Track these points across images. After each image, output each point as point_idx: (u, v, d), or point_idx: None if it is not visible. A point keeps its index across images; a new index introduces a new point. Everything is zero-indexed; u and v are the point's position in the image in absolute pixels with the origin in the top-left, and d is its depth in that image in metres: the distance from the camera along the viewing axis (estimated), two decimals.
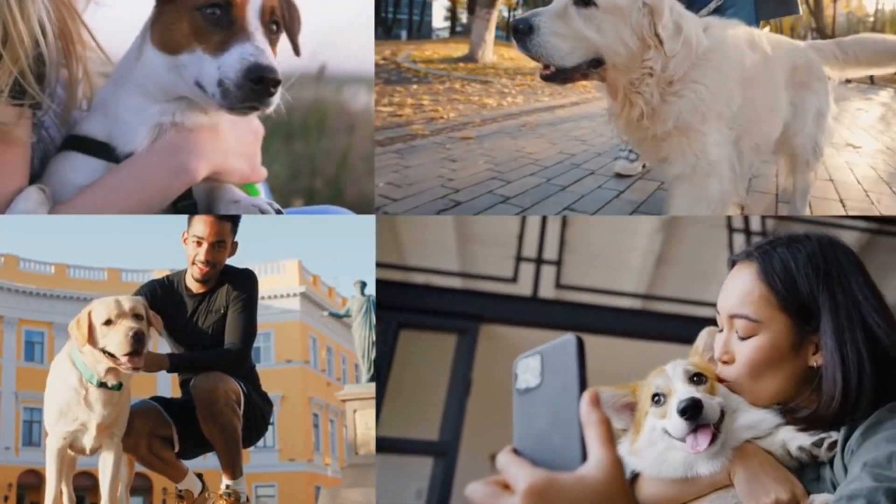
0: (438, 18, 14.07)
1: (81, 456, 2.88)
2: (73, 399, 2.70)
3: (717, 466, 1.47)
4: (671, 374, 1.53)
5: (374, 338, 8.26)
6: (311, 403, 20.79)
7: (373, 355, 8.30)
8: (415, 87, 9.18)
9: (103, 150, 2.21)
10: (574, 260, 5.72)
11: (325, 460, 20.54)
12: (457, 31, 14.13)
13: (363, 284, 9.25)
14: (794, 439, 1.46)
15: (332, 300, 21.44)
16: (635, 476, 1.56)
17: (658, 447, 1.50)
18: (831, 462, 1.44)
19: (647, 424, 1.52)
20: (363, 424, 7.32)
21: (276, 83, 2.08)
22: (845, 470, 1.39)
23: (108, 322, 2.64)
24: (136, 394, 2.99)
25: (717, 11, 4.73)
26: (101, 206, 2.19)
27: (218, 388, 2.83)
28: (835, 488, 1.41)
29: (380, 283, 5.45)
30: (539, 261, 5.50)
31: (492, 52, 12.05)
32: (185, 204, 2.26)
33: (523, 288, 5.43)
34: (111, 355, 2.63)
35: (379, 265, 5.31)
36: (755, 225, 5.66)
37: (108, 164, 2.21)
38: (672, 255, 5.94)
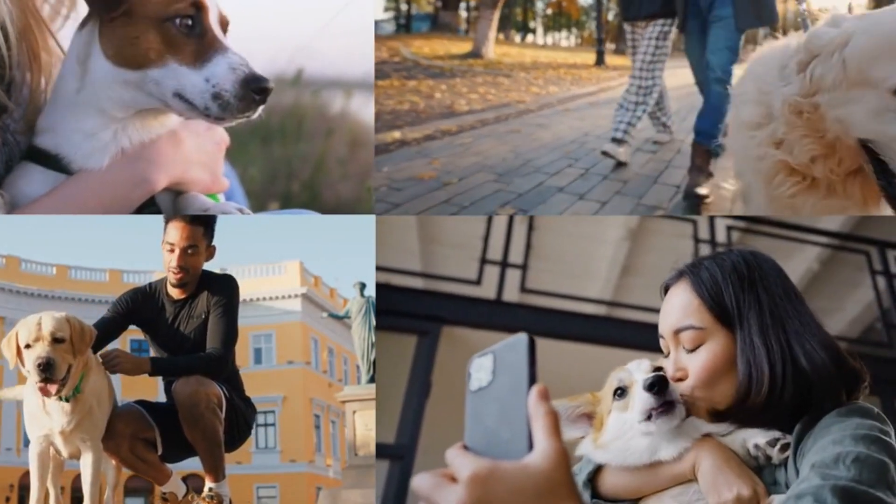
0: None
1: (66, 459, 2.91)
2: (36, 407, 2.74)
3: (678, 450, 1.50)
4: (633, 370, 1.57)
5: (374, 339, 8.26)
6: (313, 404, 20.80)
7: (373, 356, 8.30)
8: (458, 79, 9.61)
9: (61, 164, 2.16)
10: (540, 266, 5.73)
11: (327, 461, 20.55)
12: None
13: (363, 286, 9.25)
14: (752, 437, 1.49)
15: (333, 301, 21.44)
16: (598, 469, 1.59)
17: (624, 437, 1.53)
18: (786, 465, 1.47)
19: (610, 420, 1.55)
20: (363, 425, 7.33)
21: (270, 91, 2.08)
22: (797, 473, 1.42)
23: (28, 346, 2.65)
24: (139, 396, 3.11)
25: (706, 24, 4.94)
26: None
27: (199, 391, 2.85)
28: (786, 488, 1.44)
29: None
30: (504, 264, 5.48)
31: (493, 49, 12.41)
32: (149, 212, 2.22)
33: (487, 291, 5.41)
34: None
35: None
36: (720, 235, 5.67)
37: (67, 177, 2.16)
38: (637, 264, 5.96)
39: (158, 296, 3.05)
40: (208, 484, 2.96)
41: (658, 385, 1.51)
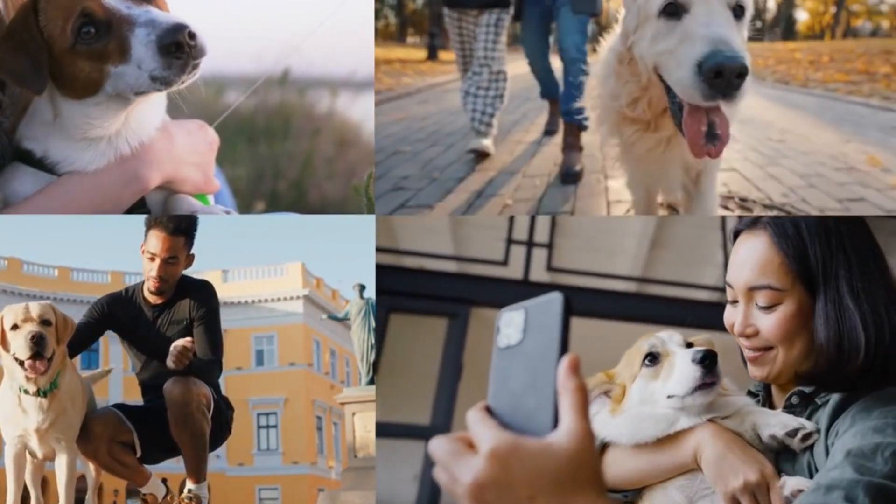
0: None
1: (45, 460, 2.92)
2: (12, 405, 2.75)
3: (695, 423, 1.46)
4: (665, 339, 1.53)
5: (374, 341, 8.25)
6: (315, 406, 20.79)
7: (372, 358, 8.28)
8: None
9: (51, 168, 2.17)
10: (566, 243, 5.69)
11: (329, 463, 20.53)
12: None
13: (362, 287, 9.23)
14: (767, 427, 1.44)
15: (335, 303, 21.43)
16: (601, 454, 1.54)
17: (648, 405, 1.49)
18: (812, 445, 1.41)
19: (635, 387, 1.51)
20: (362, 427, 7.32)
21: (192, 35, 1.98)
22: (827, 452, 1.35)
23: (15, 327, 2.68)
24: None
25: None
26: (51, 213, 2.16)
27: (191, 391, 2.87)
28: (810, 469, 1.38)
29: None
30: (530, 244, 5.48)
31: None
32: (138, 213, 2.23)
33: (514, 271, 5.42)
34: (21, 362, 2.67)
35: (378, 249, 5.29)
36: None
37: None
38: (666, 237, 5.88)
39: (135, 301, 3.07)
40: (189, 485, 2.97)
41: (710, 360, 1.46)
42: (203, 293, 3.06)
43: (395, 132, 6.69)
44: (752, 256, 1.54)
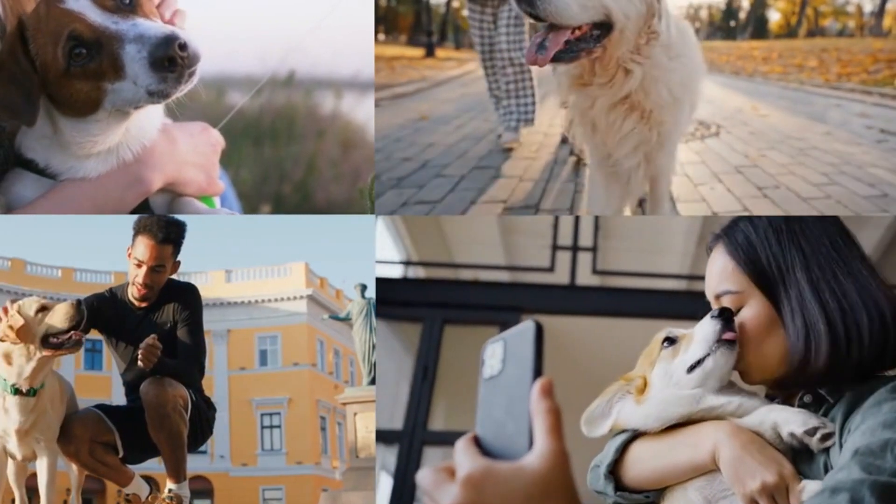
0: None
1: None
2: None
3: (723, 401, 1.46)
4: (678, 329, 1.57)
5: (375, 341, 8.24)
6: (319, 406, 20.81)
7: (373, 358, 8.26)
8: None
9: (52, 176, 2.17)
10: (611, 245, 5.70)
11: (333, 463, 20.53)
12: None
13: (363, 287, 9.24)
14: (787, 424, 1.41)
15: (339, 303, 21.44)
16: (619, 457, 1.54)
17: (671, 385, 1.51)
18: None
19: (656, 372, 1.53)
20: (363, 427, 7.32)
21: (183, 46, 1.95)
22: (841, 448, 1.33)
23: (44, 308, 2.70)
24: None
25: None
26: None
27: (167, 392, 2.89)
28: (826, 471, 1.36)
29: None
30: (575, 248, 5.51)
31: None
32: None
33: (560, 276, 5.46)
34: (48, 344, 2.68)
35: (405, 263, 5.29)
36: None
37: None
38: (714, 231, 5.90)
39: (120, 302, 3.09)
40: (169, 485, 2.99)
41: (727, 314, 1.48)
42: (188, 297, 3.09)
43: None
44: (714, 268, 1.59)
